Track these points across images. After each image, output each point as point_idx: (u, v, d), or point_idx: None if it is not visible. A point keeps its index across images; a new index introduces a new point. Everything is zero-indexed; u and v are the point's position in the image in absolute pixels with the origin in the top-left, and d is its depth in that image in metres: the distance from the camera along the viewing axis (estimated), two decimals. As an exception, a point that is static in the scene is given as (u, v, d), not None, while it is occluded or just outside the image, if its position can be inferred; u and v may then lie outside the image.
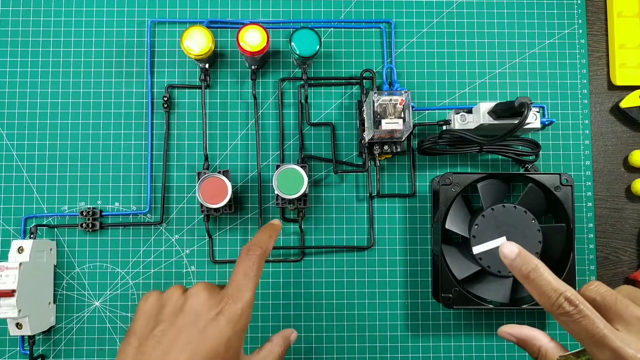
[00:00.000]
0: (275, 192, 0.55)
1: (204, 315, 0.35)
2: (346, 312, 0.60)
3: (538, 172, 0.58)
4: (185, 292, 0.38)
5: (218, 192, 0.55)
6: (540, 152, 0.60)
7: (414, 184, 0.61)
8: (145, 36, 0.61)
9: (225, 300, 0.36)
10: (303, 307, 0.59)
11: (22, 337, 0.58)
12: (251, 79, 0.60)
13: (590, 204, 0.61)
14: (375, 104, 0.54)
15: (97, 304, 0.59)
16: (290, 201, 0.57)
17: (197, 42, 0.56)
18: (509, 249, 0.36)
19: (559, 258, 0.57)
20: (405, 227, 0.61)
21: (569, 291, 0.33)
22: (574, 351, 0.36)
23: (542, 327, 0.60)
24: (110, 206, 0.60)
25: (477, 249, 0.54)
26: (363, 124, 0.59)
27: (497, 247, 0.54)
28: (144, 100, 0.61)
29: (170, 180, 0.60)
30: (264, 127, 0.61)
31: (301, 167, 0.56)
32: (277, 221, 0.45)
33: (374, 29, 0.62)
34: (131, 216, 0.60)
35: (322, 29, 0.62)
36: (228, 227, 0.60)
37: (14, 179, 0.60)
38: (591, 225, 0.61)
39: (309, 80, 0.61)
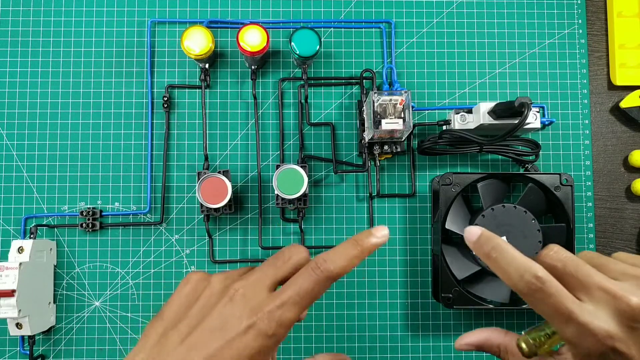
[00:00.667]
0: (275, 192, 0.55)
1: (234, 325, 0.32)
2: (346, 312, 0.60)
3: (538, 172, 0.58)
4: (224, 289, 0.34)
5: (218, 192, 0.55)
6: (540, 152, 0.60)
7: (414, 184, 0.61)
8: (145, 36, 0.61)
9: (261, 315, 0.32)
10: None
11: (22, 337, 0.58)
12: (251, 79, 0.60)
13: (590, 204, 0.61)
14: (375, 104, 0.54)
15: (97, 304, 0.59)
16: (290, 201, 0.57)
17: (197, 42, 0.56)
18: (472, 230, 0.35)
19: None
20: (405, 227, 0.61)
21: (534, 267, 0.31)
22: (530, 328, 0.35)
23: (542, 327, 0.60)
24: (110, 206, 0.60)
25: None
26: (363, 124, 0.59)
27: None
28: (144, 100, 0.61)
29: (170, 180, 0.60)
30: (264, 127, 0.61)
31: (301, 167, 0.56)
32: (380, 235, 0.35)
33: (374, 29, 0.62)
34: (131, 216, 0.60)
35: (322, 29, 0.62)
36: (228, 227, 0.60)
37: (14, 179, 0.60)
38: (591, 225, 0.61)
39: (309, 80, 0.61)
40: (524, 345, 0.34)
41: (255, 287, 0.33)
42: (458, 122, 0.57)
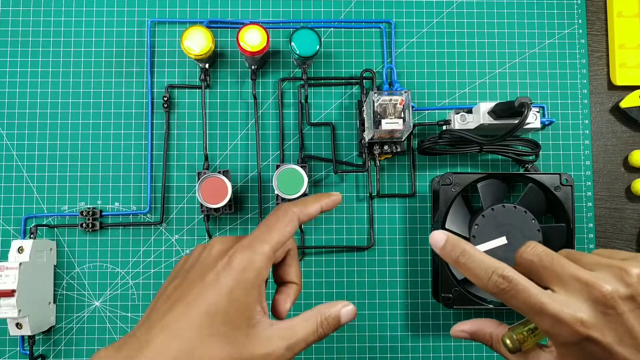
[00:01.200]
0: (275, 192, 0.55)
1: (210, 266, 0.33)
2: (346, 312, 0.59)
3: (538, 172, 0.58)
4: (205, 248, 0.36)
5: (218, 192, 0.55)
6: (540, 152, 0.60)
7: (414, 184, 0.61)
8: (145, 36, 0.61)
9: (234, 249, 0.33)
10: (303, 307, 0.59)
11: (22, 337, 0.58)
12: (251, 79, 0.60)
13: (590, 204, 0.61)
14: (375, 104, 0.54)
15: (97, 304, 0.59)
16: (291, 201, 0.57)
17: (197, 42, 0.56)
18: (437, 237, 0.35)
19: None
20: (405, 227, 0.61)
21: (500, 267, 0.32)
22: (517, 323, 0.35)
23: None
24: (110, 206, 0.60)
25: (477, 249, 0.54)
26: (363, 124, 0.59)
27: (498, 247, 0.54)
28: (144, 100, 0.61)
29: (170, 180, 0.60)
30: (264, 127, 0.61)
31: (301, 167, 0.56)
32: (338, 195, 0.39)
33: (374, 29, 0.62)
34: (131, 216, 0.60)
35: (322, 29, 0.62)
36: (228, 227, 0.60)
37: (14, 179, 0.60)
38: (591, 225, 0.61)
39: (309, 80, 0.61)
40: (508, 341, 0.35)
41: (231, 237, 0.36)
42: (458, 122, 0.57)
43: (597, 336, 0.30)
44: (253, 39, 0.55)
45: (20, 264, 0.52)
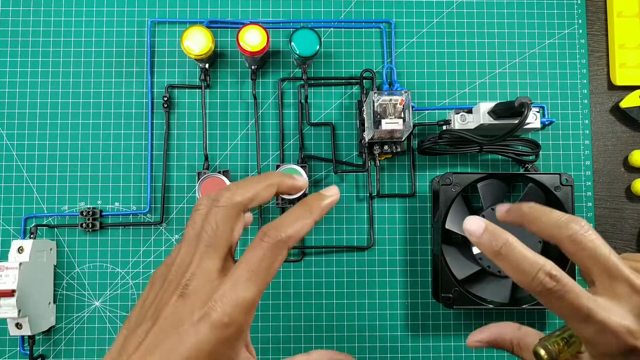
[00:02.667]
0: (275, 192, 0.55)
1: (186, 318, 0.28)
2: (346, 312, 0.59)
3: (538, 172, 0.58)
4: (177, 283, 0.30)
5: (218, 192, 0.55)
6: (540, 152, 0.60)
7: (414, 184, 0.61)
8: (145, 36, 0.61)
9: (212, 303, 0.28)
10: (303, 307, 0.59)
11: (22, 337, 0.58)
12: (251, 79, 0.60)
13: (590, 204, 0.61)
14: (375, 104, 0.54)
15: (97, 304, 0.59)
16: (291, 201, 0.57)
17: (197, 42, 0.56)
18: (475, 224, 0.31)
19: (559, 258, 0.57)
20: (405, 227, 0.61)
21: (548, 264, 0.29)
22: (554, 331, 0.32)
23: (542, 327, 0.60)
24: (110, 206, 0.60)
25: (477, 249, 0.54)
26: (363, 124, 0.59)
27: None
28: (144, 100, 0.61)
29: (170, 180, 0.60)
30: (264, 127, 0.61)
31: (301, 167, 0.56)
32: (330, 194, 0.33)
33: (374, 29, 0.62)
34: (131, 216, 0.60)
35: (322, 29, 0.62)
36: (228, 227, 0.60)
37: (14, 179, 0.60)
38: (591, 225, 0.61)
39: (309, 80, 0.61)
40: (542, 352, 0.31)
41: (205, 274, 0.29)
42: (458, 122, 0.57)
43: None
44: (253, 39, 0.55)
45: (20, 264, 0.52)
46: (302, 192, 0.55)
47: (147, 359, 0.28)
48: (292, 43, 0.56)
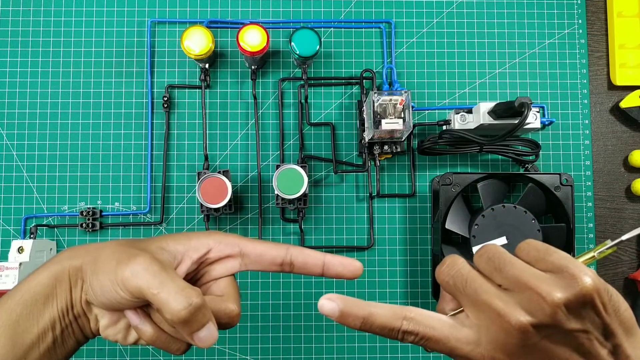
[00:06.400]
0: (275, 192, 0.55)
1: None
2: (346, 312, 0.59)
3: (538, 172, 0.58)
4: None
5: (218, 192, 0.55)
6: (540, 152, 0.60)
7: (414, 184, 0.61)
8: (145, 36, 0.61)
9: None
10: (303, 307, 0.59)
11: (22, 337, 0.58)
12: (251, 79, 0.60)
13: (590, 204, 0.61)
14: (375, 104, 0.54)
15: (97, 304, 0.59)
16: (290, 201, 0.57)
17: (197, 42, 0.56)
18: (328, 307, 0.30)
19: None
20: (405, 227, 0.61)
21: (405, 321, 0.30)
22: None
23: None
24: (110, 206, 0.60)
25: (477, 249, 0.54)
26: (363, 124, 0.59)
27: None
28: (144, 100, 0.61)
29: (170, 180, 0.60)
30: (264, 127, 0.61)
31: (301, 167, 0.56)
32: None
33: (374, 29, 0.62)
34: (131, 216, 0.60)
35: (322, 29, 0.62)
36: (228, 227, 0.60)
37: (14, 179, 0.60)
38: (591, 225, 0.61)
39: (309, 80, 0.61)
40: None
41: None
42: (458, 122, 0.57)
43: None
44: (253, 39, 0.55)
45: (20, 264, 0.52)
46: (302, 192, 0.55)
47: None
48: (292, 43, 0.56)
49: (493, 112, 0.55)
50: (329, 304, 0.31)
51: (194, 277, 0.36)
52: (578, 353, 0.28)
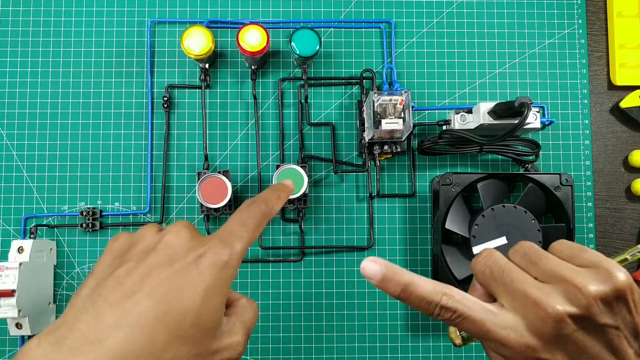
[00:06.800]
0: (275, 192, 0.55)
1: (181, 255, 0.28)
2: (346, 312, 0.59)
3: (538, 172, 0.58)
4: (161, 230, 0.31)
5: (218, 192, 0.55)
6: (540, 152, 0.60)
7: (414, 184, 0.61)
8: (145, 36, 0.61)
9: (211, 243, 0.29)
10: (303, 307, 0.59)
11: (22, 337, 0.58)
12: (251, 79, 0.60)
13: (590, 204, 0.61)
14: (375, 104, 0.54)
15: (97, 304, 0.59)
16: (290, 201, 0.57)
17: (197, 42, 0.56)
18: (372, 269, 0.31)
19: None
20: (405, 227, 0.61)
21: (445, 297, 0.30)
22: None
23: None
24: (110, 206, 0.60)
25: (477, 249, 0.54)
26: (363, 124, 0.59)
27: (497, 247, 0.54)
28: (144, 100, 0.61)
29: (170, 180, 0.60)
30: (264, 127, 0.61)
31: (301, 167, 0.56)
32: (289, 182, 0.41)
33: (374, 29, 0.62)
34: (131, 216, 0.60)
35: (322, 29, 0.62)
36: (228, 227, 0.60)
37: (14, 179, 0.60)
38: (591, 225, 0.61)
39: (309, 80, 0.61)
40: (454, 337, 0.35)
41: (194, 227, 0.32)
42: (458, 122, 0.57)
43: (547, 357, 0.29)
44: (253, 39, 0.55)
45: (20, 264, 0.52)
46: (302, 192, 0.55)
47: (135, 298, 0.25)
48: (292, 43, 0.56)
49: (493, 112, 0.55)
50: (372, 266, 0.31)
51: None
52: (607, 349, 0.28)
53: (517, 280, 0.30)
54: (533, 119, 0.56)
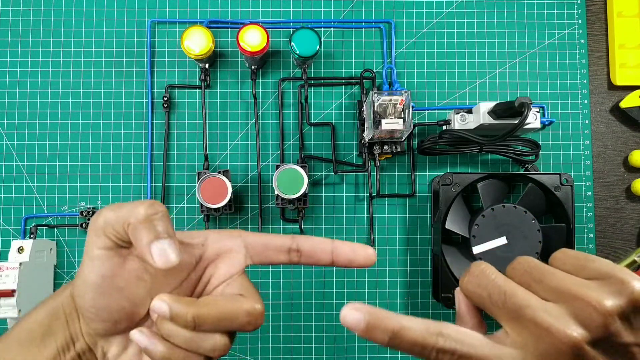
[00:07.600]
0: (275, 192, 0.55)
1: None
2: (346, 312, 0.59)
3: (538, 172, 0.58)
4: None
5: (218, 192, 0.55)
6: (540, 152, 0.60)
7: (414, 184, 0.61)
8: (145, 36, 0.61)
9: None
10: (303, 307, 0.59)
11: (22, 337, 0.58)
12: (251, 79, 0.60)
13: (590, 204, 0.61)
14: (375, 104, 0.54)
15: (97, 304, 0.59)
16: (290, 201, 0.57)
17: (197, 42, 0.56)
18: (352, 318, 0.27)
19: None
20: (405, 227, 0.61)
21: (440, 338, 0.26)
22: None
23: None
24: (110, 206, 0.60)
25: (477, 249, 0.54)
26: (363, 124, 0.59)
27: (497, 247, 0.54)
28: (144, 100, 0.61)
29: (170, 180, 0.60)
30: (264, 127, 0.61)
31: (301, 167, 0.56)
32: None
33: (374, 29, 0.62)
34: (131, 216, 0.60)
35: (322, 29, 0.62)
36: (228, 227, 0.60)
37: (14, 179, 0.60)
38: (591, 225, 0.61)
39: (309, 80, 0.61)
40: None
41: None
42: (458, 122, 0.57)
43: None
44: (253, 39, 0.55)
45: (20, 264, 0.52)
46: (302, 192, 0.55)
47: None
48: (292, 43, 0.56)
49: (493, 112, 0.55)
50: (353, 314, 0.27)
51: (202, 282, 0.33)
52: None
53: (523, 306, 0.26)
54: (533, 119, 0.56)
